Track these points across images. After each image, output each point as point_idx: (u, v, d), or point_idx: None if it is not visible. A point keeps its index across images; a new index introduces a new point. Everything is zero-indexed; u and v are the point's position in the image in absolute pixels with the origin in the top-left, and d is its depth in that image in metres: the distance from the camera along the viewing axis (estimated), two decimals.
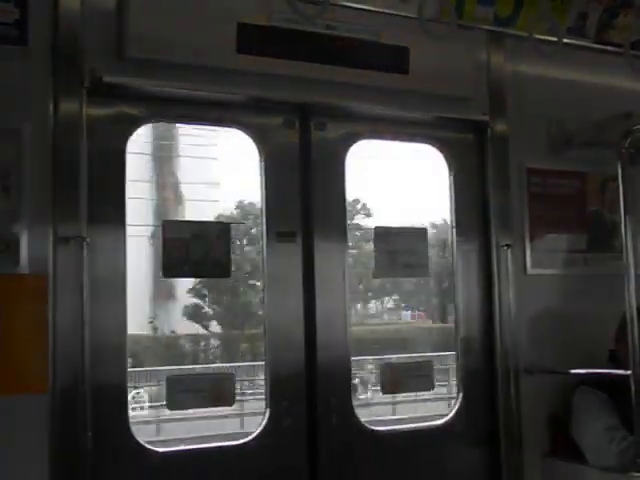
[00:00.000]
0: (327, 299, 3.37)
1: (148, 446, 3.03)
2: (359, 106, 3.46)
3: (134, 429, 2.99)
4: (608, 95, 3.97)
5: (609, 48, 3.94)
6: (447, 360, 5.35)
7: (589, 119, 3.80)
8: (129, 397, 3.08)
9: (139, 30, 2.97)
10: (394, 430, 3.75)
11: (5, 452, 2.67)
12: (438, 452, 3.57)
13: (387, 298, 12.63)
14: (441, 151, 3.76)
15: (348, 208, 3.52)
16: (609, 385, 3.43)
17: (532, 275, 3.76)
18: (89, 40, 2.93)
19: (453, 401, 3.70)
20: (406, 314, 12.75)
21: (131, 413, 3.02)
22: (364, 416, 3.46)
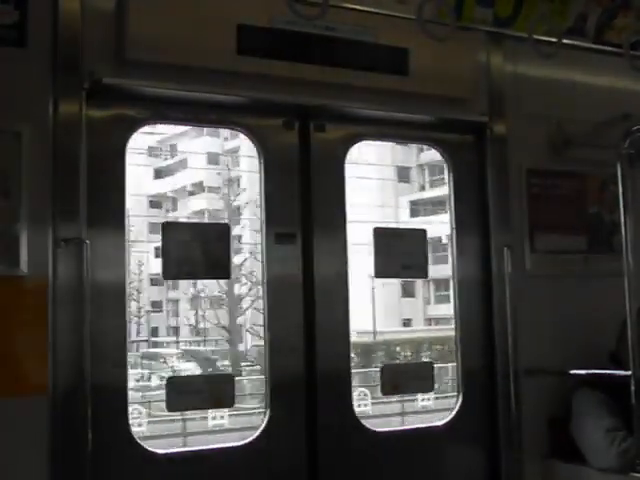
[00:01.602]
0: (327, 300, 3.37)
1: (149, 447, 3.03)
2: (359, 107, 3.46)
3: None
4: (607, 96, 3.97)
5: (608, 49, 3.94)
6: None
7: (588, 120, 3.80)
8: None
9: (139, 32, 2.96)
10: (394, 431, 3.75)
11: (5, 454, 2.66)
12: (438, 453, 3.57)
13: None
14: (441, 152, 3.76)
15: None
16: (609, 386, 3.43)
17: (532, 276, 3.76)
18: (89, 42, 2.93)
19: (453, 402, 3.71)
20: None
21: None
22: None
